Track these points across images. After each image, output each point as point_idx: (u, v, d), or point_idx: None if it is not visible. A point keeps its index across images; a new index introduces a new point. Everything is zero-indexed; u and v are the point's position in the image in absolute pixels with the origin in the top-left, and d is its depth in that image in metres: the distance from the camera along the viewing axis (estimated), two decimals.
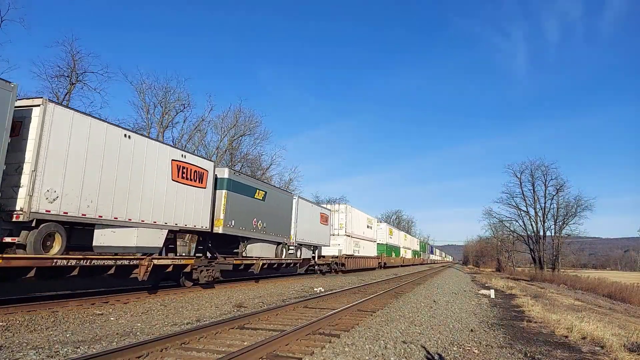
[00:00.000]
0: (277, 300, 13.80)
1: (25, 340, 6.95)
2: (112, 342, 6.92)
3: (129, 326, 8.48)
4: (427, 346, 7.54)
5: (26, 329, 7.78)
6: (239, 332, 8.11)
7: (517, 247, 73.99)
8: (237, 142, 42.60)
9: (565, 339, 9.14)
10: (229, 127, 41.57)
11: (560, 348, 8.18)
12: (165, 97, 36.74)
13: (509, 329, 10.13)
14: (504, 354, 7.37)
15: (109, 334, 7.60)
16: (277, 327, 8.67)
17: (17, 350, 6.22)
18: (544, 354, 7.53)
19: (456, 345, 7.85)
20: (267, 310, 10.47)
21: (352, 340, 7.58)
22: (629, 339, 9.39)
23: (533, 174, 63.75)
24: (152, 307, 11.00)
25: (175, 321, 9.22)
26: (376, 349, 7.06)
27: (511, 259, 78.84)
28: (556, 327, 10.36)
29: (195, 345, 6.88)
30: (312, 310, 11.29)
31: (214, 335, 7.64)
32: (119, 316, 9.57)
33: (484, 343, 8.22)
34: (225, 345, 6.93)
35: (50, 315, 9.10)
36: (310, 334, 7.96)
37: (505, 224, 70.60)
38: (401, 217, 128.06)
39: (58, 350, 6.26)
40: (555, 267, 59.78)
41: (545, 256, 62.04)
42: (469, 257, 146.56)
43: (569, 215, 61.03)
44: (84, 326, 8.31)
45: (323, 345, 7.09)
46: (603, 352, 8.05)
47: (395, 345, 7.37)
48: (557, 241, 61.52)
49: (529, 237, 65.65)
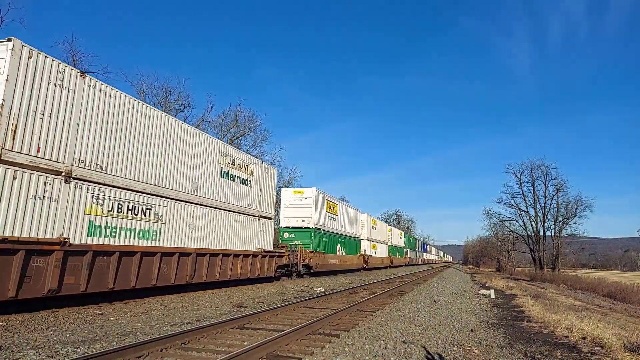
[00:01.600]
0: (277, 300, 13.80)
1: (25, 340, 6.95)
2: (112, 342, 6.92)
3: (129, 326, 8.47)
4: (427, 346, 7.54)
5: (26, 329, 7.78)
6: (239, 332, 8.11)
7: (517, 247, 73.98)
8: (237, 142, 42.64)
9: (565, 339, 9.13)
10: (229, 127, 41.69)
11: (560, 348, 8.18)
12: (165, 97, 36.87)
13: (509, 329, 10.13)
14: (504, 354, 7.37)
15: (109, 334, 7.60)
16: (277, 327, 8.66)
17: (17, 350, 6.21)
18: (544, 354, 7.52)
19: (456, 345, 7.84)
20: (267, 310, 10.47)
21: (352, 340, 7.58)
22: (629, 339, 9.38)
23: (533, 174, 63.83)
24: (152, 307, 11.00)
25: (175, 321, 9.22)
26: (376, 349, 7.05)
27: (511, 259, 78.82)
28: (556, 327, 10.36)
29: (195, 345, 6.88)
30: (312, 310, 11.29)
31: (214, 335, 7.64)
32: (119, 316, 9.57)
33: (484, 343, 8.22)
34: (225, 346, 6.93)
35: (50, 315, 9.10)
36: (310, 334, 7.96)
37: (505, 223, 70.69)
38: (401, 217, 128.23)
39: (58, 350, 6.26)
40: (555, 267, 59.76)
41: (545, 256, 62.02)
42: (469, 257, 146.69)
43: (569, 215, 61.08)
44: (84, 326, 8.31)
45: (323, 345, 7.09)
46: (603, 352, 8.05)
47: (395, 345, 7.37)
48: (557, 241, 61.51)
49: (529, 237, 65.65)
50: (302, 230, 26.37)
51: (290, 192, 28.07)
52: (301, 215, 26.72)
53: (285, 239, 26.15)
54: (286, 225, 26.96)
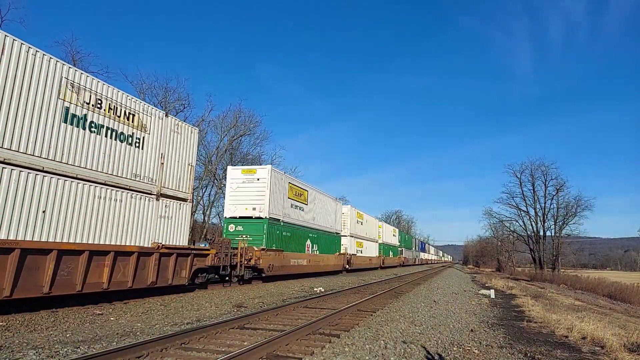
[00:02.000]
0: (277, 300, 13.80)
1: (25, 340, 6.95)
2: (112, 342, 6.92)
3: (129, 326, 8.48)
4: (427, 346, 7.54)
5: (26, 329, 7.78)
6: (239, 332, 8.11)
7: (517, 247, 74.06)
8: (237, 142, 42.68)
9: (565, 339, 9.13)
10: (228, 127, 41.58)
11: (560, 348, 8.18)
12: (165, 97, 36.84)
13: (509, 329, 10.13)
14: (504, 354, 7.37)
15: (109, 334, 7.60)
16: (277, 327, 8.67)
17: (17, 350, 6.22)
18: (544, 354, 7.52)
19: (456, 345, 7.84)
20: (267, 310, 10.47)
21: (352, 340, 7.58)
22: (629, 339, 9.37)
23: (533, 174, 63.97)
24: (152, 307, 11.01)
25: (175, 321, 9.22)
26: (376, 349, 7.05)
27: (511, 259, 78.85)
28: (556, 327, 10.36)
29: (195, 345, 6.88)
30: (312, 310, 11.29)
31: (214, 335, 7.64)
32: (119, 316, 9.57)
33: (484, 343, 8.22)
34: (225, 345, 6.93)
35: (50, 315, 9.10)
36: (310, 334, 7.96)
37: (505, 224, 70.84)
38: (401, 217, 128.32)
39: (58, 350, 6.26)
40: (555, 267, 59.81)
41: (545, 256, 62.08)
42: (469, 257, 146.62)
43: (569, 215, 61.20)
44: (84, 326, 8.31)
45: (323, 345, 7.09)
46: (603, 352, 8.05)
47: (395, 345, 7.37)
48: (557, 241, 61.58)
49: (529, 237, 65.74)
50: (252, 221, 20.37)
51: (238, 171, 21.52)
52: (251, 201, 20.53)
53: (231, 233, 20.26)
54: (232, 214, 20.69)
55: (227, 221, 20.90)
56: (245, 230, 20.28)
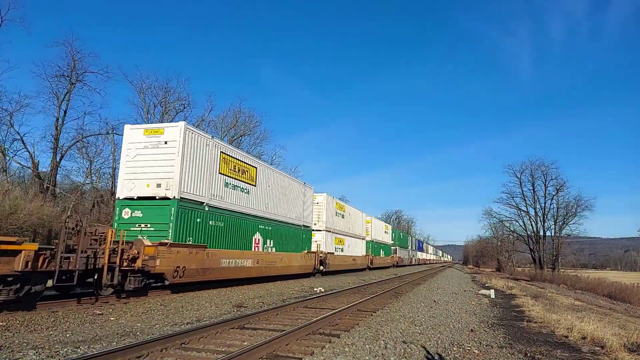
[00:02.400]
0: (277, 300, 13.80)
1: (25, 340, 6.95)
2: (112, 342, 6.92)
3: (129, 326, 8.48)
4: (427, 346, 7.54)
5: (26, 329, 7.78)
6: (239, 332, 8.11)
7: (517, 247, 74.05)
8: (237, 142, 42.65)
9: (565, 339, 9.13)
10: (228, 127, 41.59)
11: (560, 348, 8.18)
12: (165, 97, 36.79)
13: (509, 329, 10.13)
14: (504, 354, 7.37)
15: (109, 334, 7.60)
16: (277, 327, 8.67)
17: (17, 350, 6.22)
18: (544, 354, 7.52)
19: (456, 345, 7.84)
20: (267, 310, 10.47)
21: (352, 340, 7.58)
22: (629, 339, 9.37)
23: (533, 174, 64.01)
24: (152, 307, 11.01)
25: (175, 321, 9.22)
26: (376, 349, 7.06)
27: (511, 259, 78.87)
28: (556, 327, 10.36)
29: (195, 345, 6.88)
30: (312, 310, 11.29)
31: (214, 335, 7.64)
32: (119, 316, 9.57)
33: (484, 343, 8.22)
34: (225, 345, 6.93)
35: (50, 315, 9.10)
36: (310, 334, 7.96)
37: (505, 224, 70.84)
38: (401, 217, 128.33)
39: (58, 350, 6.26)
40: (555, 267, 59.83)
41: (545, 256, 62.08)
42: (469, 257, 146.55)
43: (569, 215, 61.25)
44: (84, 326, 8.31)
45: (323, 345, 7.09)
46: (603, 352, 8.05)
47: (395, 345, 7.37)
48: (557, 241, 61.60)
49: (529, 237, 65.74)
50: (154, 202, 14.04)
51: (140, 131, 14.94)
52: (155, 174, 14.20)
53: (125, 221, 14.17)
54: (128, 195, 14.41)
55: (120, 204, 14.52)
56: (144, 218, 14.08)
